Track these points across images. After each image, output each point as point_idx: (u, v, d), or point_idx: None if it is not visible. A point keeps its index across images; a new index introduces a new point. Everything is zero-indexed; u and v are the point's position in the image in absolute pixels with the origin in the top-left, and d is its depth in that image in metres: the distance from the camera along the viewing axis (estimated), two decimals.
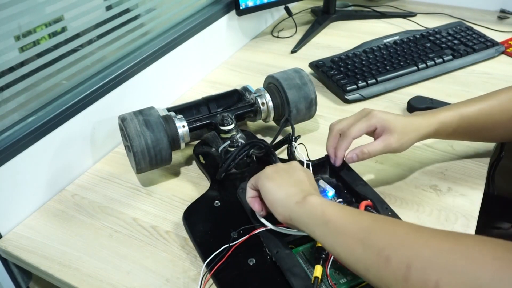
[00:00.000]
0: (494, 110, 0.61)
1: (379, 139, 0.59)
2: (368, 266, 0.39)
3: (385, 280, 0.38)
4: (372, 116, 0.59)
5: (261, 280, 0.50)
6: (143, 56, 0.80)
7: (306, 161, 0.61)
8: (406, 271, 0.36)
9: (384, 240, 0.39)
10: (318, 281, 0.46)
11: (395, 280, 0.37)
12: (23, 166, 0.63)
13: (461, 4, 1.25)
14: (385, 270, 0.37)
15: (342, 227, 0.42)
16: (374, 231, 0.40)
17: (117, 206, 0.66)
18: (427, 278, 0.34)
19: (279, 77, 0.74)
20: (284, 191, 0.49)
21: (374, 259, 0.38)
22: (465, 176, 0.67)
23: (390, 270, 0.37)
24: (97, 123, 0.74)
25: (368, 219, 0.42)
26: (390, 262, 0.37)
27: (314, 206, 0.45)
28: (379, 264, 0.38)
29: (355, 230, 0.41)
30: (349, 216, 0.43)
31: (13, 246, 0.61)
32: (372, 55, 0.95)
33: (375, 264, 0.38)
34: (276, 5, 1.09)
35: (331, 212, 0.44)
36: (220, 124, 0.70)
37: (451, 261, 0.34)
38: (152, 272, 0.56)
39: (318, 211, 0.44)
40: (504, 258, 0.33)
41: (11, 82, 0.62)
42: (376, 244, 0.39)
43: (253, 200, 0.53)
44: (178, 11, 0.93)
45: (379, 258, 0.38)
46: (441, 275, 0.34)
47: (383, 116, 0.59)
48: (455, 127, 0.61)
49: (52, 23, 0.67)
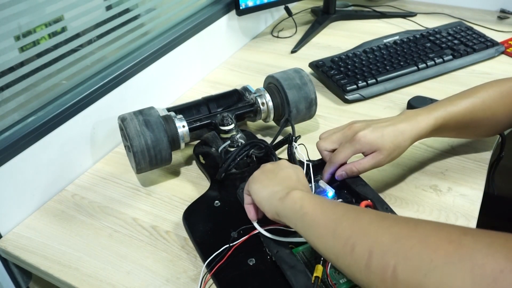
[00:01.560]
0: (477, 108, 0.62)
1: (368, 157, 0.58)
2: (337, 255, 0.41)
3: (351, 267, 0.39)
4: (357, 141, 0.58)
5: (261, 280, 0.50)
6: (143, 56, 0.80)
7: (306, 161, 0.61)
8: (368, 259, 0.37)
9: (350, 229, 0.41)
10: (318, 280, 0.46)
11: (358, 268, 0.38)
12: (23, 166, 0.63)
13: (461, 4, 1.25)
14: (350, 258, 0.39)
15: (316, 219, 0.44)
16: (342, 221, 0.42)
17: (117, 206, 0.66)
18: (386, 264, 0.36)
19: (279, 77, 0.74)
20: (270, 189, 0.50)
21: (341, 248, 0.40)
22: (465, 176, 0.67)
23: (355, 257, 0.38)
24: (97, 123, 0.74)
25: (341, 210, 0.44)
26: (354, 250, 0.39)
27: (294, 200, 0.47)
28: (345, 252, 0.39)
29: (327, 221, 0.43)
30: (324, 208, 0.45)
31: (13, 246, 0.61)
32: (372, 55, 0.95)
33: (342, 252, 0.40)
34: (276, 5, 1.09)
35: (308, 205, 0.45)
36: (220, 124, 0.70)
37: (407, 247, 0.35)
38: (152, 272, 0.56)
39: (297, 205, 0.46)
40: (458, 241, 0.33)
41: (11, 82, 0.62)
42: (343, 233, 0.41)
43: (248, 207, 0.54)
44: (178, 11, 0.93)
45: (345, 246, 0.40)
46: (398, 260, 0.35)
47: (368, 140, 0.57)
48: (444, 126, 0.61)
49: (52, 23, 0.67)
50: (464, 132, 0.66)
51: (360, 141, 0.58)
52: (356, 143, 0.58)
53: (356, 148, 0.58)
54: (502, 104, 0.63)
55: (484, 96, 0.62)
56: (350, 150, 0.58)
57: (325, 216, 0.44)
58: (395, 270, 0.35)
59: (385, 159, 0.58)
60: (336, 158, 0.59)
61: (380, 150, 0.57)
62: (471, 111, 0.61)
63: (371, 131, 0.58)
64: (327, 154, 0.61)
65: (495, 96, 0.63)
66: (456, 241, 0.33)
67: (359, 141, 0.58)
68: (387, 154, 0.57)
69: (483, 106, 0.62)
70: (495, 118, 0.63)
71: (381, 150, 0.57)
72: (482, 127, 0.64)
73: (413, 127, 0.59)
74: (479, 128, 0.65)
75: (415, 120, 0.59)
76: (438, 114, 0.60)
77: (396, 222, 0.39)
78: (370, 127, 0.58)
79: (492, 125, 0.64)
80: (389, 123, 0.59)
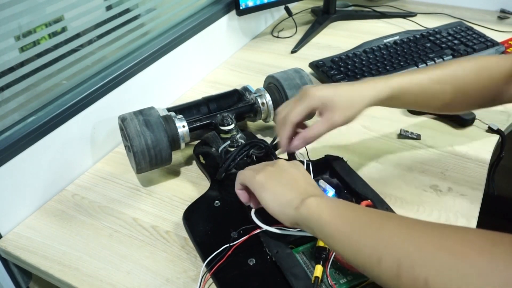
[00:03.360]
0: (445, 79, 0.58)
1: (322, 119, 0.55)
2: (364, 265, 0.40)
3: (381, 278, 0.38)
4: (309, 96, 0.55)
5: (261, 280, 0.50)
6: (143, 56, 0.80)
7: (306, 161, 0.61)
8: (397, 270, 0.37)
9: (374, 240, 0.40)
10: (318, 281, 0.46)
11: (388, 278, 0.37)
12: (23, 166, 0.63)
13: (461, 4, 1.25)
14: (378, 270, 0.38)
15: (337, 230, 0.42)
16: (365, 231, 0.41)
17: (117, 206, 0.66)
18: (417, 276, 0.35)
19: (279, 77, 0.74)
20: (282, 199, 0.48)
21: (367, 259, 0.39)
22: (465, 176, 0.67)
23: (383, 269, 0.38)
24: (97, 123, 0.74)
25: (361, 217, 0.43)
26: (381, 262, 0.38)
27: (311, 209, 0.45)
28: (372, 263, 0.39)
29: (349, 232, 0.42)
30: (344, 217, 0.43)
31: (13, 246, 0.61)
32: (372, 55, 0.95)
33: (369, 263, 0.39)
34: (276, 5, 1.09)
35: (326, 215, 0.44)
36: (220, 124, 0.70)
37: (437, 259, 0.35)
38: (152, 272, 0.56)
39: (315, 214, 0.45)
40: (490, 252, 0.33)
41: (11, 82, 0.62)
42: (368, 245, 0.40)
43: (240, 193, 0.54)
44: (178, 11, 0.93)
45: (371, 258, 0.39)
46: (429, 272, 0.35)
47: (321, 93, 0.54)
48: (404, 93, 0.57)
49: (52, 23, 0.67)
50: (429, 103, 0.61)
51: (311, 95, 0.55)
52: (308, 97, 0.55)
53: (310, 104, 0.55)
54: (476, 79, 0.59)
55: (457, 69, 0.59)
56: (302, 107, 0.55)
57: (346, 226, 0.42)
58: (427, 282, 0.34)
59: (340, 118, 0.54)
60: (289, 117, 0.56)
61: (333, 107, 0.54)
62: (438, 82, 0.58)
63: (324, 87, 0.56)
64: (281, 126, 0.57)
65: (470, 69, 0.59)
66: (487, 252, 0.33)
67: (311, 95, 0.55)
68: (341, 113, 0.54)
69: (453, 79, 0.58)
70: (466, 93, 0.59)
71: (334, 107, 0.54)
72: (450, 100, 0.60)
73: (369, 87, 0.56)
74: (447, 101, 0.60)
75: (373, 81, 0.57)
76: (400, 80, 0.57)
77: (421, 229, 0.38)
78: (319, 85, 0.56)
79: (463, 99, 0.60)
80: (344, 83, 0.57)
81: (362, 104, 0.55)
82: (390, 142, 0.75)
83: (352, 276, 0.49)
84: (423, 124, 0.78)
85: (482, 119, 0.77)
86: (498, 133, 0.75)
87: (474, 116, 0.77)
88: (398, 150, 0.73)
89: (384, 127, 0.78)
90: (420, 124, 0.78)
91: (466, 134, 0.76)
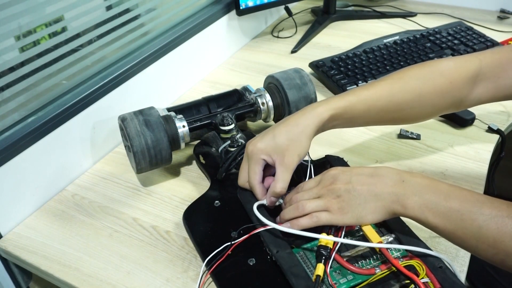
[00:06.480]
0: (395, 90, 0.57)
1: (276, 166, 0.54)
2: (485, 258, 0.44)
3: (505, 266, 0.43)
4: (253, 154, 0.55)
5: (261, 280, 0.50)
6: (143, 56, 0.80)
7: (306, 161, 0.61)
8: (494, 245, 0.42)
9: (493, 247, 0.43)
10: (319, 279, 0.46)
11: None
12: (23, 166, 0.63)
13: (461, 4, 1.25)
14: (502, 266, 0.43)
15: (451, 235, 0.45)
16: (482, 234, 0.43)
17: (117, 206, 0.66)
18: None
19: (279, 77, 0.74)
20: (372, 204, 0.49)
21: (490, 257, 0.43)
22: (465, 176, 0.67)
23: (508, 267, 0.43)
24: (97, 123, 0.74)
25: (475, 220, 0.43)
26: (505, 263, 0.43)
27: (415, 214, 0.46)
28: (495, 261, 0.43)
29: (466, 237, 0.44)
30: (457, 223, 0.44)
31: (13, 246, 0.61)
32: (372, 55, 0.96)
33: (491, 259, 0.44)
34: (276, 5, 1.09)
35: (433, 219, 0.45)
36: (220, 124, 0.70)
37: None
38: (152, 272, 0.56)
39: (422, 218, 0.46)
40: None
41: (11, 82, 0.62)
42: (488, 250, 0.43)
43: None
44: (178, 11, 0.93)
45: (495, 257, 0.43)
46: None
47: (261, 146, 0.54)
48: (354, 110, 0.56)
49: (52, 23, 0.67)
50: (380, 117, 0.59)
51: (254, 152, 0.54)
52: (252, 156, 0.55)
53: (256, 161, 0.54)
54: (432, 85, 0.57)
55: (408, 77, 0.58)
56: (252, 167, 0.55)
57: (461, 231, 0.44)
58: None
59: (291, 159, 0.53)
60: (251, 182, 0.55)
61: (280, 153, 0.53)
62: (388, 95, 0.56)
63: (262, 137, 0.55)
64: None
65: (423, 76, 0.57)
66: None
67: (254, 152, 0.55)
68: (289, 154, 0.53)
69: (404, 89, 0.57)
70: (422, 101, 0.58)
71: (280, 153, 0.53)
72: (405, 111, 0.58)
73: (309, 115, 0.55)
74: (401, 112, 0.58)
75: (312, 109, 0.55)
76: (343, 98, 0.56)
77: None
78: (259, 136, 0.56)
79: (419, 109, 0.59)
80: (281, 121, 0.56)
81: (306, 136, 0.54)
82: (390, 142, 0.75)
83: (352, 276, 0.49)
84: (423, 124, 0.78)
85: (482, 119, 0.77)
86: (498, 133, 0.75)
87: (474, 116, 0.77)
88: (398, 150, 0.73)
89: (384, 127, 0.78)
90: (420, 124, 0.78)
91: (466, 134, 0.76)
